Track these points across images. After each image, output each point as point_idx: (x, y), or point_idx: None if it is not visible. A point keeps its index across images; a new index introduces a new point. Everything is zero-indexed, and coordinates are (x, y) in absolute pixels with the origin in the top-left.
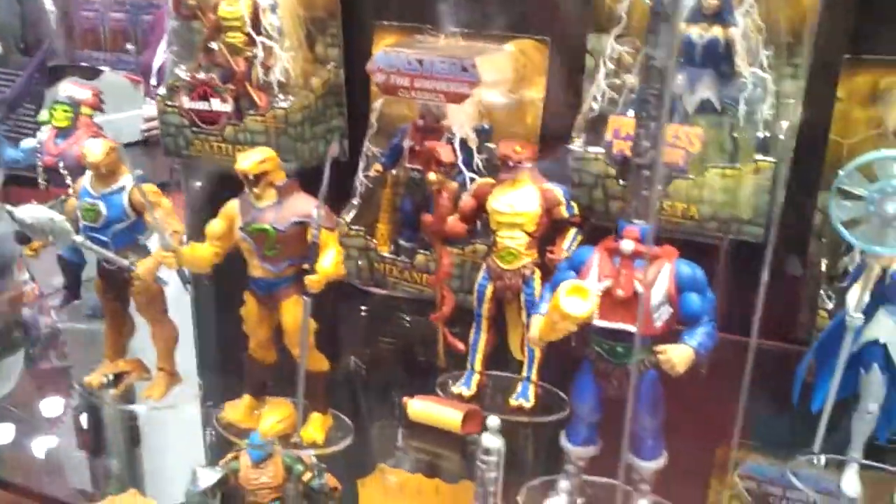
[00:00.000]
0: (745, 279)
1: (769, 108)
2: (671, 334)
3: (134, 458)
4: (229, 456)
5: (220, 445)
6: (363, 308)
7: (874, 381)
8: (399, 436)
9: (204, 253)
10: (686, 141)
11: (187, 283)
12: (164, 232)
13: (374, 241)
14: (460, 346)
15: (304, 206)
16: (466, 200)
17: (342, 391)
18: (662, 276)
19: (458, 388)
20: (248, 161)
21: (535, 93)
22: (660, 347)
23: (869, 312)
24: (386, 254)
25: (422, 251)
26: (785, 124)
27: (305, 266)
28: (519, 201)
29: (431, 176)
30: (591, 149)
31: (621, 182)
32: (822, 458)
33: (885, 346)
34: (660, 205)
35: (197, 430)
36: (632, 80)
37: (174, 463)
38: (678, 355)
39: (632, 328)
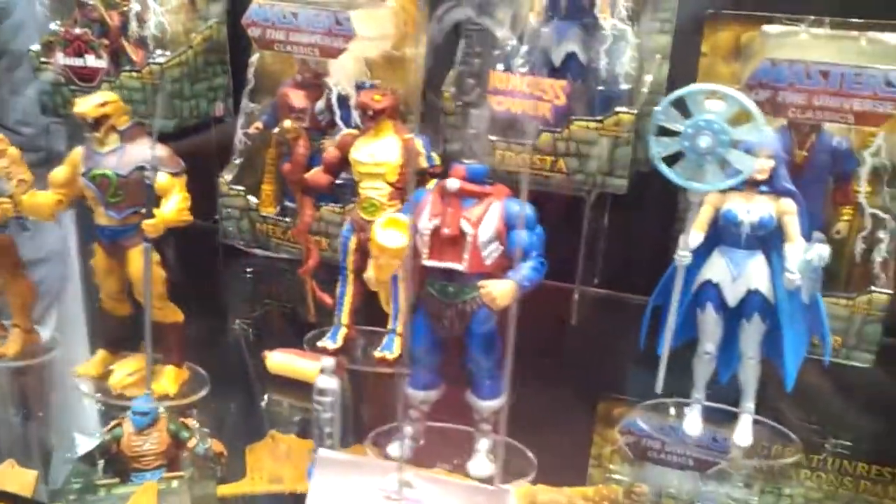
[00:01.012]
0: (611, 231)
1: (630, 62)
2: (504, 272)
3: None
4: (113, 423)
5: (103, 410)
6: (248, 270)
7: (709, 322)
8: (265, 393)
9: (45, 200)
10: (552, 94)
11: (26, 230)
12: (9, 179)
13: (257, 201)
14: (328, 300)
15: (147, 150)
16: (330, 151)
17: (225, 351)
18: (491, 215)
19: (324, 342)
20: (87, 104)
21: (415, 50)
22: (482, 282)
23: (704, 253)
24: (268, 214)
25: None
26: (648, 78)
27: (143, 210)
28: (380, 151)
29: (286, 123)
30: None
31: (491, 137)
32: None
33: (717, 285)
34: (529, 158)
35: (69, 393)
36: (506, 33)
37: (51, 428)
38: (499, 289)
39: (460, 267)
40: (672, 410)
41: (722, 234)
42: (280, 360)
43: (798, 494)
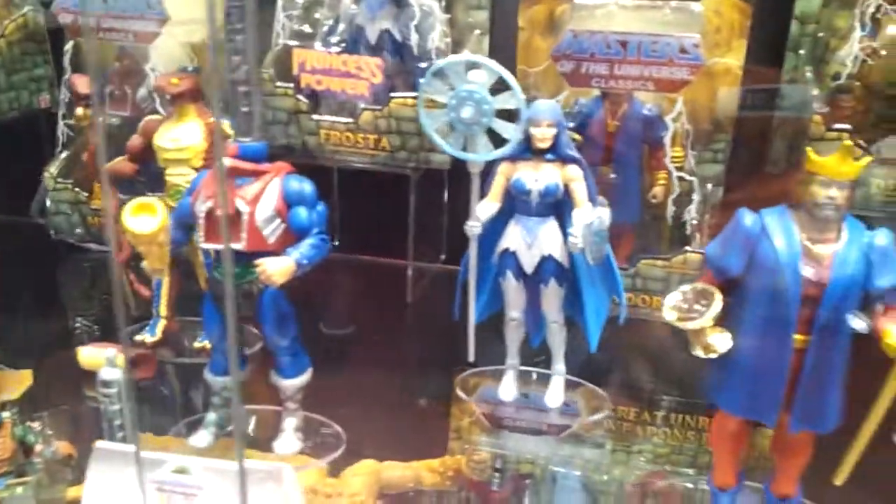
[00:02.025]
0: (455, 207)
1: (442, 37)
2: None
3: None
4: None
5: None
6: (86, 264)
7: (510, 289)
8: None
9: None
10: (369, 72)
11: None
12: None
13: (86, 194)
14: (145, 292)
15: None
16: (134, 139)
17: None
18: (270, 192)
19: (142, 334)
20: None
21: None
22: (258, 261)
23: (502, 222)
24: (99, 207)
25: None
26: (465, 52)
27: None
28: (184, 136)
29: (78, 111)
30: (281, 84)
31: (315, 117)
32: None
33: (515, 253)
34: (353, 137)
35: None
36: (325, 12)
37: None
38: (274, 267)
39: (238, 246)
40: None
41: (515, 203)
42: (90, 356)
43: (647, 450)
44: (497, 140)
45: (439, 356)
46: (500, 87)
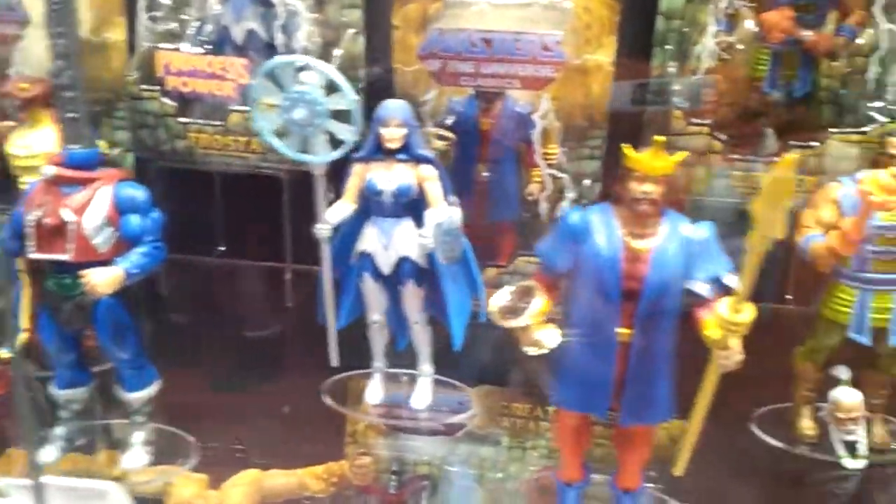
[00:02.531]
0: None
1: (308, 37)
2: None
3: None
4: None
5: None
6: None
7: (369, 291)
8: None
9: None
10: (235, 73)
11: None
12: None
13: None
14: None
15: None
16: None
17: None
18: (100, 200)
19: (2, 351)
20: None
21: (117, 35)
22: (83, 272)
23: (358, 225)
24: None
25: None
26: (338, 52)
27: None
28: (37, 142)
29: None
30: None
31: (181, 120)
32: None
33: (371, 255)
34: (222, 139)
35: None
36: (193, 12)
37: None
38: (100, 278)
39: (65, 257)
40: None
41: (370, 204)
42: None
43: (541, 446)
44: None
45: (321, 361)
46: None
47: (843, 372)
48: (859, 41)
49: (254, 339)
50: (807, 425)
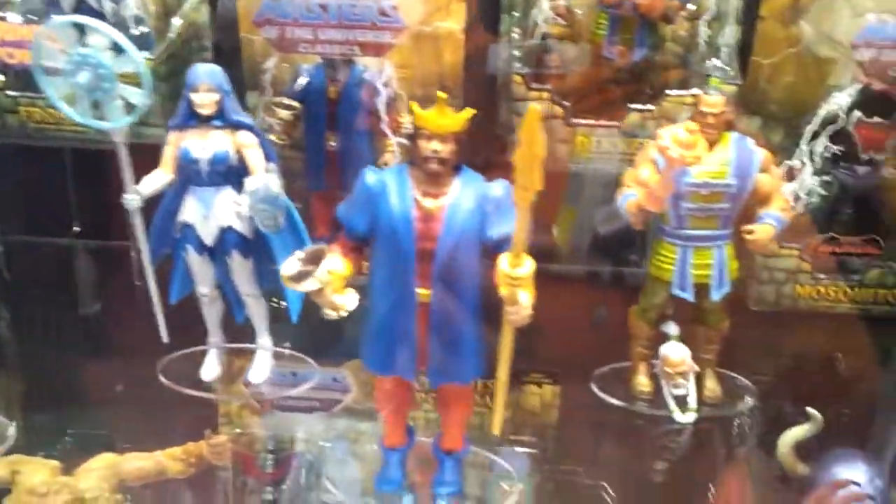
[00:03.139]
0: None
1: (137, 5)
2: None
3: None
4: None
5: None
6: None
7: (194, 263)
8: None
9: None
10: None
11: None
12: None
13: None
14: None
15: None
16: None
17: None
18: None
19: None
20: None
21: None
22: None
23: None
24: None
25: None
26: (177, 21)
27: None
28: None
29: None
30: None
31: (10, 93)
32: None
33: (193, 226)
34: (56, 113)
35: None
36: None
37: None
38: None
39: None
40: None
41: (188, 174)
42: None
43: (419, 417)
44: None
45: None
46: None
47: (671, 328)
48: (691, 6)
49: (95, 319)
50: (642, 382)
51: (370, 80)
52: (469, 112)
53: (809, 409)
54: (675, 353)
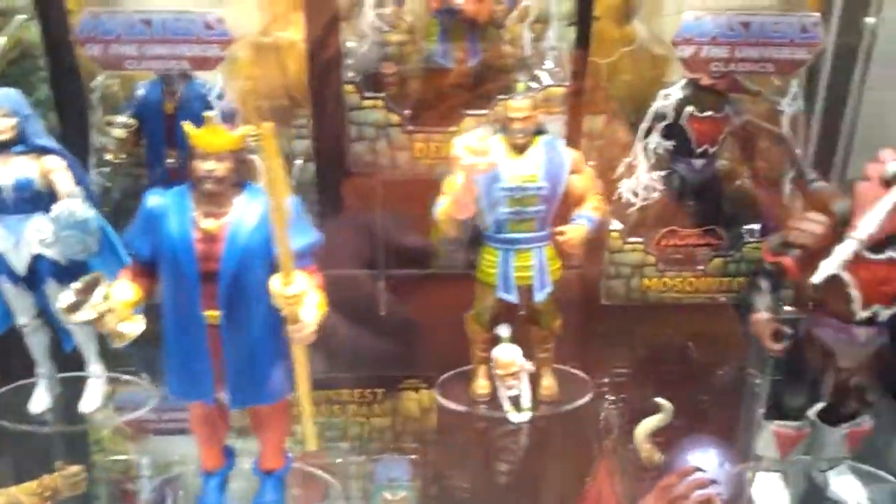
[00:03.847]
0: None
1: None
2: None
3: None
4: None
5: None
6: None
7: (9, 294)
8: None
9: None
10: None
11: None
12: None
13: None
14: None
15: None
16: None
17: None
18: None
19: None
20: None
21: None
22: None
23: None
24: None
25: None
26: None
27: None
28: None
29: None
30: None
31: None
32: None
33: (2, 255)
34: None
35: None
36: None
37: None
38: None
39: None
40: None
41: None
42: None
43: (297, 432)
44: None
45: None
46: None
47: (503, 330)
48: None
49: None
50: (480, 385)
51: (206, 93)
52: (247, 129)
53: (659, 400)
54: (505, 354)
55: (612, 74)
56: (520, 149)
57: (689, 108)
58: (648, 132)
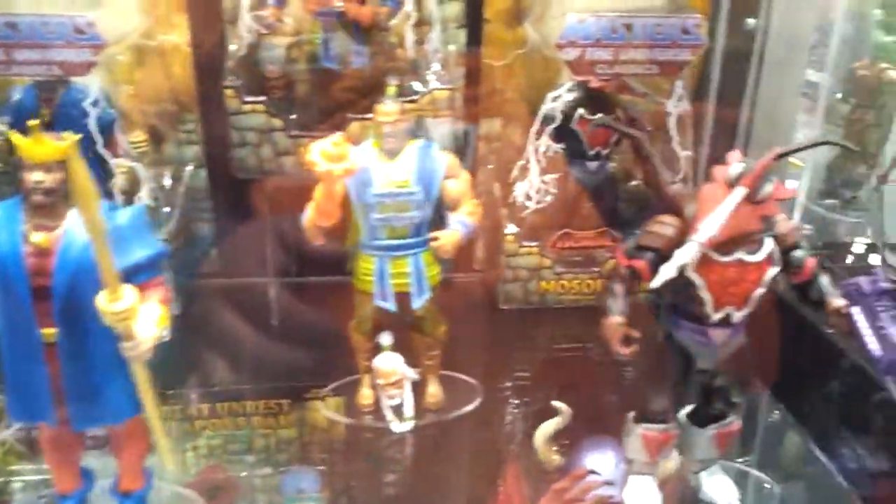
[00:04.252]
0: None
1: None
2: None
3: None
4: None
5: None
6: None
7: None
8: None
9: None
10: None
11: None
12: None
13: None
14: None
15: None
16: None
17: None
18: None
19: None
20: None
21: None
22: None
23: None
24: None
25: None
26: None
27: None
28: None
29: None
30: None
31: None
32: None
33: None
34: None
35: None
36: None
37: None
38: None
39: None
40: None
41: None
42: None
43: (202, 445)
44: None
45: None
46: None
47: (385, 338)
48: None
49: None
50: (364, 395)
51: (79, 100)
52: (73, 138)
53: (556, 403)
54: (386, 363)
55: (506, 77)
56: (391, 154)
57: (580, 111)
58: (539, 135)
